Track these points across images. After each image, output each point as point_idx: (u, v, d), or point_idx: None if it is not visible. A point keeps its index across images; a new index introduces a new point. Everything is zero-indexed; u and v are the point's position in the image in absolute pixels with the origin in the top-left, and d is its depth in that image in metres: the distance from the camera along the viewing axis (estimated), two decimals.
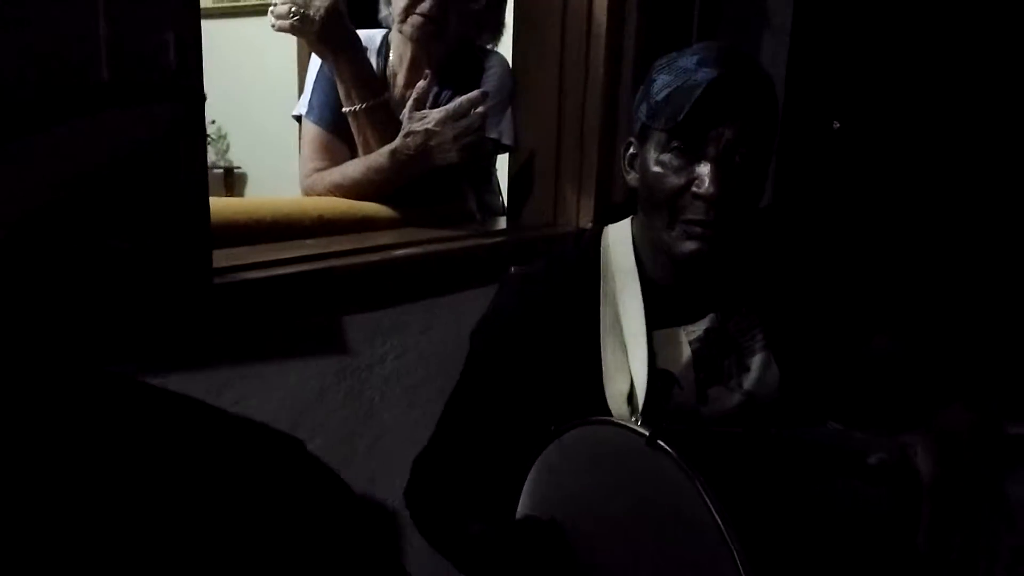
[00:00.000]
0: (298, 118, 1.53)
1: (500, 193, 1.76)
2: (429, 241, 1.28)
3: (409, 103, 1.38)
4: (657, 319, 1.04)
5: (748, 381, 1.07)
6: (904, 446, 0.87)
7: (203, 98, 0.82)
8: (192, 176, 0.83)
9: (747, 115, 0.95)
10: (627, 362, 1.01)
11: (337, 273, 1.08)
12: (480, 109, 1.33)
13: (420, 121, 1.33)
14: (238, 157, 4.15)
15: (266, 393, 1.02)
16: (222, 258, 0.98)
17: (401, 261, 1.19)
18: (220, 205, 1.12)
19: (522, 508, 0.98)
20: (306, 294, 1.04)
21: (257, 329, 1.00)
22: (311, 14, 1.30)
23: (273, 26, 1.31)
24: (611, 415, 0.99)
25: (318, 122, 1.48)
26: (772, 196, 1.96)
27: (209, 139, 4.08)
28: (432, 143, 1.33)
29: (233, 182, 4.11)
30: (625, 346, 1.02)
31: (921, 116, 1.94)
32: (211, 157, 4.10)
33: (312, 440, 1.10)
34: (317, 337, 1.10)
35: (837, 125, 2.01)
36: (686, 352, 1.05)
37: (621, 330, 1.03)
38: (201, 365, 0.94)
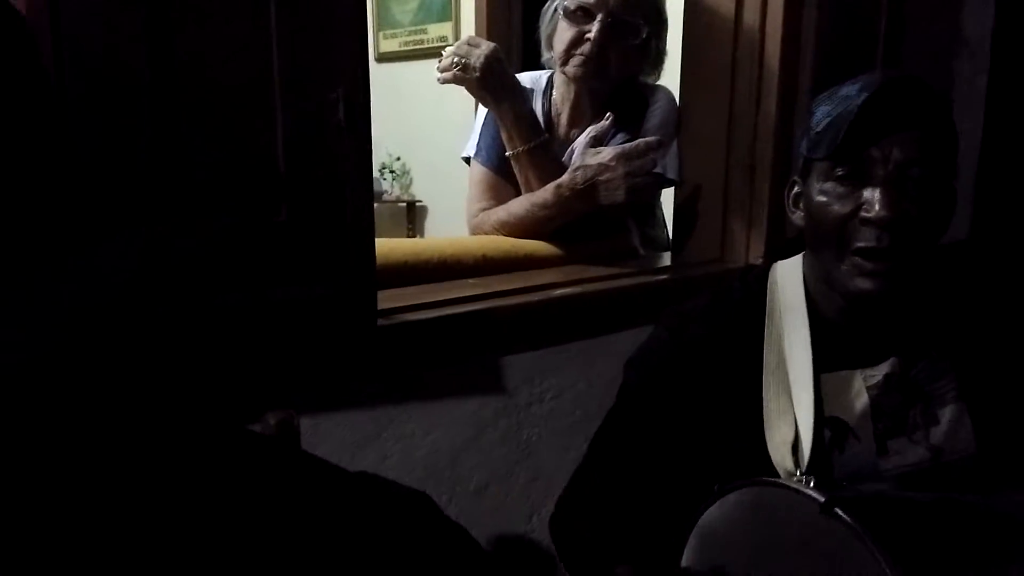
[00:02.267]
0: (467, 159, 1.59)
1: (665, 226, 1.73)
2: (590, 280, 1.27)
3: (586, 139, 1.39)
4: (829, 362, 0.97)
5: (936, 435, 0.96)
6: None
7: (369, 152, 0.87)
8: (359, 223, 0.88)
9: (917, 131, 0.87)
10: (791, 408, 0.95)
11: (497, 314, 1.10)
12: (653, 156, 1.32)
13: (595, 156, 1.34)
14: (420, 191, 4.37)
15: (426, 431, 1.06)
16: (388, 299, 1.02)
17: (561, 301, 1.19)
18: (388, 247, 1.18)
19: None
20: (467, 334, 1.07)
21: (419, 368, 1.04)
22: (472, 63, 1.35)
23: (439, 79, 1.38)
24: (772, 465, 0.93)
25: (485, 163, 1.52)
26: (971, 224, 1.78)
27: (394, 174, 4.33)
28: (602, 178, 1.33)
29: (415, 215, 4.33)
30: (789, 391, 0.96)
31: None
32: (396, 191, 4.35)
33: (470, 477, 1.12)
34: (477, 376, 1.12)
35: None
36: (863, 399, 0.97)
37: (786, 374, 0.97)
38: (365, 404, 0.99)
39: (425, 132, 4.01)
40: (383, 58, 4.32)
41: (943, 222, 0.93)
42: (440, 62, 1.37)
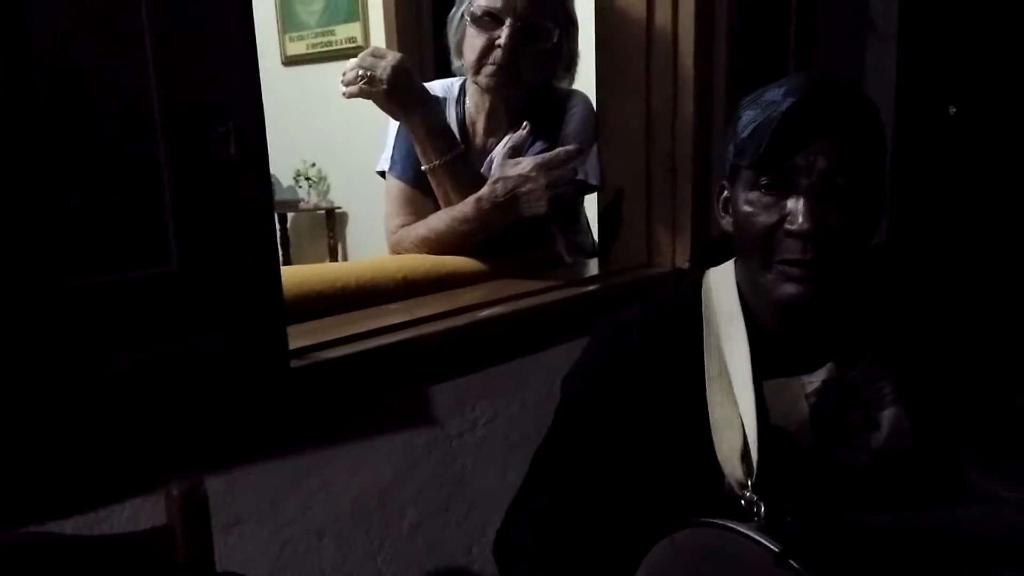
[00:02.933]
0: (382, 173, 1.52)
1: (590, 231, 1.70)
2: (517, 297, 1.22)
3: (503, 149, 1.34)
4: (768, 369, 0.95)
5: (877, 439, 0.95)
6: None
7: (268, 186, 0.80)
8: (262, 262, 0.81)
9: (842, 140, 0.85)
10: (738, 414, 0.92)
11: (421, 342, 1.04)
12: (573, 164, 1.28)
13: (514, 167, 1.30)
14: (338, 197, 4.25)
15: (351, 473, 0.99)
16: (301, 336, 0.95)
17: (489, 322, 1.14)
18: (299, 277, 1.11)
19: None
20: (390, 367, 1.01)
21: (340, 407, 0.97)
22: (378, 75, 1.29)
23: (344, 94, 1.30)
24: (723, 475, 0.91)
25: (401, 177, 1.46)
26: (889, 217, 1.81)
27: (310, 181, 4.20)
28: (523, 190, 1.29)
29: (335, 222, 4.20)
30: (734, 397, 0.93)
31: None
32: (313, 198, 4.21)
33: (402, 517, 1.06)
34: (403, 409, 1.06)
35: (953, 111, 1.86)
36: (803, 407, 0.95)
37: (729, 381, 0.95)
38: (284, 452, 0.92)
39: (340, 135, 3.89)
40: (290, 62, 4.18)
41: (870, 229, 0.92)
42: (344, 76, 1.30)
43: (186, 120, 0.72)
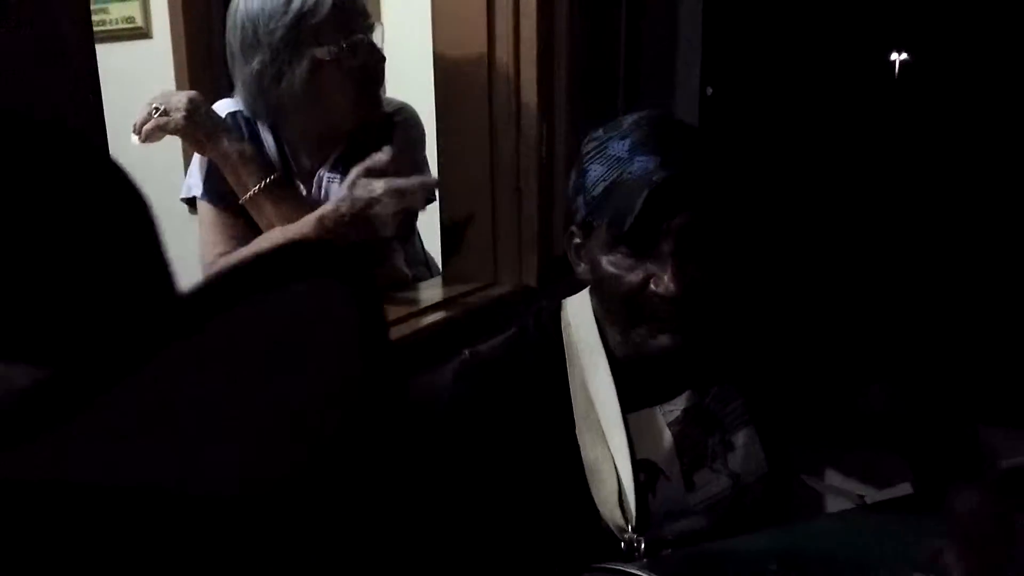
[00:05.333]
0: (189, 201, 1.36)
1: (418, 235, 1.64)
2: None
3: (360, 169, 1.23)
4: (630, 401, 0.95)
5: (734, 461, 0.98)
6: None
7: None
8: None
9: (698, 197, 0.85)
10: (610, 455, 0.92)
11: None
12: (425, 194, 1.24)
13: (365, 188, 1.20)
14: None
15: None
16: None
17: None
18: None
19: None
20: None
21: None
22: (173, 104, 1.19)
23: (139, 139, 1.19)
24: (601, 519, 0.91)
25: (217, 203, 1.30)
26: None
27: None
28: (371, 212, 1.20)
29: None
30: (604, 436, 0.92)
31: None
32: None
33: None
34: None
35: (710, 91, 1.99)
36: (667, 436, 0.97)
37: (597, 419, 0.94)
38: None
39: (115, 126, 3.46)
40: None
41: (731, 269, 0.93)
42: (135, 122, 1.19)
43: None
